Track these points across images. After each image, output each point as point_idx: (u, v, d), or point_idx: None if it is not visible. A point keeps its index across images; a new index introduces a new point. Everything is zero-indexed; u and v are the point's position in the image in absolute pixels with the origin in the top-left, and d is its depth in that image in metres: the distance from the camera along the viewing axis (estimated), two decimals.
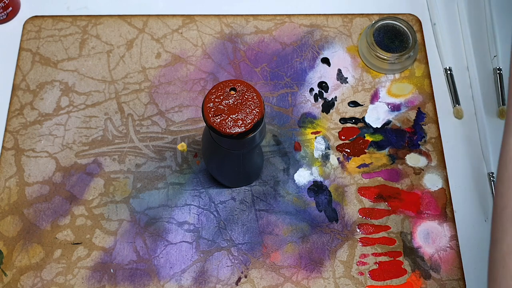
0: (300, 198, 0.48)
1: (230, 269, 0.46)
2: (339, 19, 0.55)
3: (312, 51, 0.54)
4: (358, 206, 0.48)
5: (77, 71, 0.52)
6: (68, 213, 0.47)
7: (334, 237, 0.47)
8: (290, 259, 0.46)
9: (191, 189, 0.48)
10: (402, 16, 0.55)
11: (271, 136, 0.50)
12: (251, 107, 0.36)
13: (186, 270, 0.46)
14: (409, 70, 0.54)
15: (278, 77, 0.53)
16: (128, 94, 0.52)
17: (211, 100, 0.36)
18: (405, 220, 0.48)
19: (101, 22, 0.54)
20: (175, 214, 0.47)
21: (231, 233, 0.47)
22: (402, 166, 0.50)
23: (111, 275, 0.45)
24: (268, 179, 0.49)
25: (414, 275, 0.46)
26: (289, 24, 0.55)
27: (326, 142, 0.51)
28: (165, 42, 0.54)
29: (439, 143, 0.51)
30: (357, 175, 0.49)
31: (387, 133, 0.51)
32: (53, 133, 0.50)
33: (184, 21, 0.55)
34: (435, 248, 0.47)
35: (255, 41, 0.54)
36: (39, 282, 0.45)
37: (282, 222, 0.47)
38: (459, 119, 0.52)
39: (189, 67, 0.53)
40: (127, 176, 0.49)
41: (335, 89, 0.53)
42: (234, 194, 0.48)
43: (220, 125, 0.35)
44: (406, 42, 0.52)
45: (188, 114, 0.51)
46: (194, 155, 0.50)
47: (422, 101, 0.52)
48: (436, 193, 0.49)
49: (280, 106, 0.52)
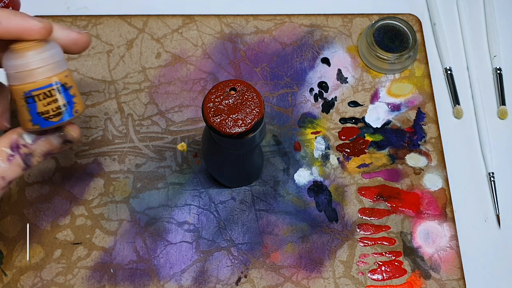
0: (300, 198, 0.48)
1: (230, 269, 0.46)
2: (339, 19, 0.55)
3: (312, 51, 0.54)
4: (358, 206, 0.48)
5: (77, 71, 0.52)
6: (68, 213, 0.47)
7: (334, 237, 0.47)
8: (290, 259, 0.46)
9: (191, 189, 0.48)
10: (402, 16, 0.55)
11: (271, 136, 0.50)
12: (251, 107, 0.36)
13: (186, 270, 0.46)
14: (409, 70, 0.54)
15: (278, 77, 0.53)
16: (128, 94, 0.52)
17: (211, 100, 0.36)
18: (405, 220, 0.48)
19: (101, 22, 0.55)
20: (175, 214, 0.47)
21: (231, 233, 0.47)
22: (402, 166, 0.50)
23: (111, 275, 0.45)
24: (268, 179, 0.49)
25: (414, 275, 0.46)
26: (289, 24, 0.55)
27: (326, 142, 0.51)
28: (165, 42, 0.54)
29: (439, 143, 0.51)
30: (357, 175, 0.49)
31: (387, 133, 0.51)
32: None
33: (184, 21, 0.55)
34: (435, 248, 0.47)
35: (255, 41, 0.54)
36: (39, 282, 0.45)
37: (282, 222, 0.47)
38: (459, 119, 0.52)
39: (189, 67, 0.53)
40: (127, 176, 0.49)
41: (335, 89, 0.53)
42: (234, 194, 0.48)
43: (220, 125, 0.35)
44: (406, 42, 0.52)
45: (188, 114, 0.51)
46: (194, 155, 0.50)
47: (422, 101, 0.52)
48: (436, 193, 0.49)
49: (280, 106, 0.52)
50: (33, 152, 0.35)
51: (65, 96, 0.34)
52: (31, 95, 0.33)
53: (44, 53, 0.33)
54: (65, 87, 0.34)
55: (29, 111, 0.33)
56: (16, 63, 0.33)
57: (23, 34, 0.33)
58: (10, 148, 0.35)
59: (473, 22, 0.57)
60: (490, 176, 0.50)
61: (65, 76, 0.34)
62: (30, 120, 0.34)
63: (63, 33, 0.36)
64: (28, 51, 0.33)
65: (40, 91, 0.33)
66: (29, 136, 0.35)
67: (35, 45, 0.33)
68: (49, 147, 0.36)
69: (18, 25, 0.33)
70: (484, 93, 0.53)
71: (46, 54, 0.33)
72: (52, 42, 0.35)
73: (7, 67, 0.33)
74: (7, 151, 0.35)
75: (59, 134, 0.36)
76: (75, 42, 0.36)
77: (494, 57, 0.54)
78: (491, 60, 0.55)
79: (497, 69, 0.54)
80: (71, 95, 0.34)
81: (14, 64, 0.33)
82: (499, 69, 0.54)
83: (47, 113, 0.34)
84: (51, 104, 0.33)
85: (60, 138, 0.36)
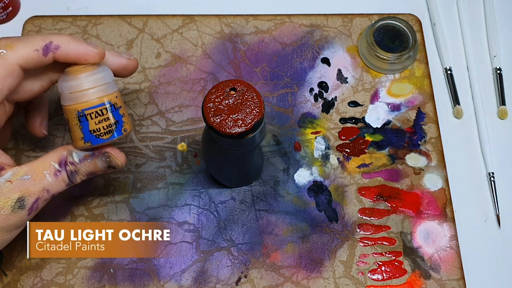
0: (300, 198, 0.48)
1: (230, 269, 0.46)
2: (339, 19, 0.55)
3: (312, 51, 0.54)
4: (358, 206, 0.48)
5: None
6: (68, 213, 0.47)
7: (334, 237, 0.47)
8: (290, 259, 0.46)
9: (191, 189, 0.48)
10: (402, 16, 0.55)
11: (271, 136, 0.50)
12: (251, 107, 0.36)
13: (186, 270, 0.46)
14: (409, 70, 0.54)
15: (278, 77, 0.53)
16: (128, 94, 0.52)
17: (211, 100, 0.36)
18: (405, 220, 0.48)
19: (101, 22, 0.55)
20: (175, 214, 0.47)
21: (231, 233, 0.47)
22: (402, 166, 0.50)
23: (111, 275, 0.45)
24: (268, 179, 0.49)
25: (414, 275, 0.46)
26: (289, 24, 0.55)
27: (326, 142, 0.51)
28: (165, 42, 0.54)
29: (439, 143, 0.51)
30: (357, 175, 0.49)
31: (387, 133, 0.51)
32: (53, 133, 0.50)
33: (184, 21, 0.55)
34: (435, 248, 0.47)
35: (255, 41, 0.54)
36: (39, 282, 0.45)
37: (282, 222, 0.47)
38: (459, 119, 0.52)
39: (189, 67, 0.53)
40: (127, 176, 0.49)
41: (335, 89, 0.53)
42: (234, 194, 0.48)
43: (220, 125, 0.35)
44: (406, 42, 0.52)
45: (188, 114, 0.51)
46: (194, 155, 0.50)
47: (422, 101, 0.52)
48: (436, 193, 0.49)
49: (280, 106, 0.52)
50: (78, 170, 0.38)
51: (115, 115, 0.37)
52: (84, 114, 0.36)
53: (96, 75, 0.36)
54: (115, 107, 0.37)
55: (82, 129, 0.36)
56: (71, 84, 0.36)
57: (80, 58, 0.36)
58: (59, 163, 0.37)
59: (473, 22, 0.57)
60: (490, 176, 0.50)
61: (115, 97, 0.37)
62: (82, 138, 0.36)
63: (114, 59, 0.39)
64: (81, 73, 0.36)
65: (93, 110, 0.36)
66: (77, 155, 0.38)
67: (88, 68, 0.36)
68: (93, 168, 0.38)
69: (76, 49, 0.36)
70: (484, 93, 0.53)
71: (97, 76, 0.36)
72: (103, 65, 0.37)
73: (62, 88, 0.36)
74: (55, 166, 0.37)
75: (105, 159, 0.38)
76: (125, 67, 0.39)
77: (494, 57, 0.54)
78: (491, 60, 0.55)
79: (497, 69, 0.54)
80: (120, 115, 0.37)
81: (69, 85, 0.36)
82: (499, 69, 0.54)
83: (98, 130, 0.36)
84: (102, 122, 0.36)
85: (105, 163, 0.38)
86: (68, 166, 0.37)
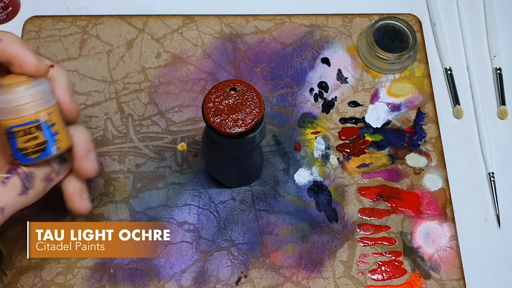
0: (300, 198, 0.48)
1: (230, 269, 0.46)
2: (339, 19, 0.55)
3: (312, 51, 0.54)
4: (358, 206, 0.48)
5: (77, 71, 0.52)
6: (68, 213, 0.47)
7: (334, 237, 0.47)
8: (290, 259, 0.46)
9: (191, 189, 0.48)
10: (402, 16, 0.55)
11: (271, 136, 0.50)
12: (251, 107, 0.36)
13: (186, 270, 0.46)
14: (409, 70, 0.54)
15: (278, 77, 0.53)
16: (128, 94, 0.52)
17: (211, 100, 0.36)
18: (405, 220, 0.48)
19: (101, 22, 0.54)
20: (175, 214, 0.47)
21: (231, 233, 0.47)
22: (402, 166, 0.50)
23: (111, 275, 0.45)
24: (268, 179, 0.49)
25: (414, 275, 0.46)
26: (289, 24, 0.55)
27: (326, 142, 0.51)
28: (165, 42, 0.54)
29: (439, 143, 0.51)
30: (357, 175, 0.49)
31: (387, 133, 0.51)
32: None
33: (184, 21, 0.55)
34: (435, 248, 0.47)
35: (255, 41, 0.54)
36: (39, 282, 0.45)
37: (282, 222, 0.47)
38: (459, 119, 0.52)
39: (189, 67, 0.53)
40: (127, 176, 0.49)
41: (335, 89, 0.53)
42: (234, 194, 0.48)
43: (220, 125, 0.35)
44: (406, 42, 0.52)
45: (188, 114, 0.51)
46: (194, 155, 0.50)
47: (422, 101, 0.52)
48: (436, 193, 0.49)
49: (280, 106, 0.52)
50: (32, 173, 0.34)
51: (46, 134, 0.34)
52: (12, 131, 0.33)
53: (30, 90, 0.33)
54: (47, 124, 0.34)
55: (10, 146, 0.34)
56: (1, 99, 0.33)
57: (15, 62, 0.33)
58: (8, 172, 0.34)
59: (473, 22, 0.57)
60: (490, 176, 0.50)
61: (48, 114, 0.34)
62: (11, 155, 0.34)
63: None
64: (14, 87, 0.33)
65: (20, 128, 0.33)
66: None
67: (21, 82, 0.33)
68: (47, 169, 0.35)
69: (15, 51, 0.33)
70: (484, 93, 0.53)
71: (31, 91, 0.33)
72: (41, 79, 0.34)
73: None
74: (2, 176, 0.34)
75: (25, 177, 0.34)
76: None
77: (494, 57, 0.54)
78: (491, 60, 0.55)
79: (497, 69, 0.54)
80: (53, 133, 0.34)
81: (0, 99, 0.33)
82: (499, 69, 0.54)
83: (26, 150, 0.34)
84: (31, 141, 0.33)
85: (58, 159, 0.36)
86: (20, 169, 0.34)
